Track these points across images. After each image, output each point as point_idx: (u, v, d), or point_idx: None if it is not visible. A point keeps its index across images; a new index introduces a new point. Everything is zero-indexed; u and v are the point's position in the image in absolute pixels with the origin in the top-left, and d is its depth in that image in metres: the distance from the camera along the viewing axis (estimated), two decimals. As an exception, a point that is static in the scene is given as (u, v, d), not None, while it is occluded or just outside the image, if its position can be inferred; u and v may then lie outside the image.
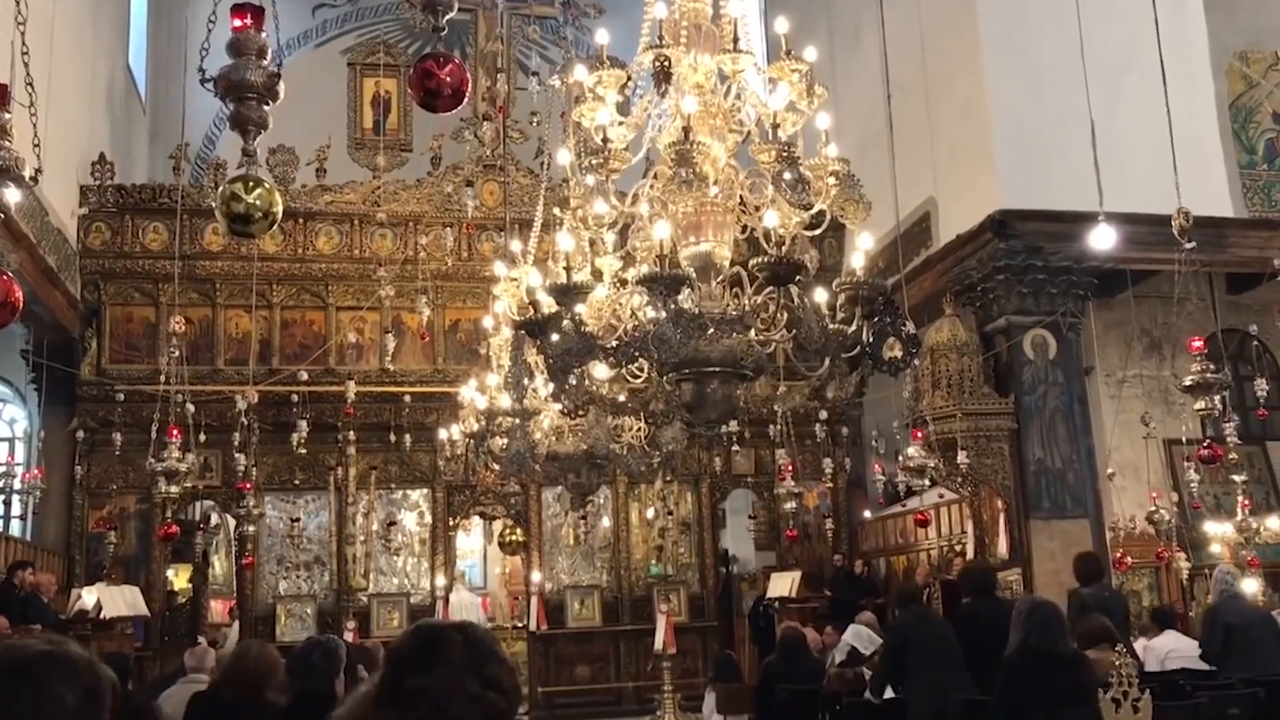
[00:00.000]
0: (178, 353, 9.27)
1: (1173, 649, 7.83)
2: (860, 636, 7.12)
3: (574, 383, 5.21)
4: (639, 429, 7.42)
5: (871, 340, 4.84)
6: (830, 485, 14.04)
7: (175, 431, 7.84)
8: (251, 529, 11.36)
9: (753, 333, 4.78)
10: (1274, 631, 7.54)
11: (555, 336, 4.73)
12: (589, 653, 13.45)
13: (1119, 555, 10.77)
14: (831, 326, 4.80)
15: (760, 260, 4.49)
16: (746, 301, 4.73)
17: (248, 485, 10.63)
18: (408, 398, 13.06)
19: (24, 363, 13.05)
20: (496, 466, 8.00)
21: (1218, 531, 12.06)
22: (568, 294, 4.63)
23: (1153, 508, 10.60)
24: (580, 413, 5.75)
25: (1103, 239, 7.12)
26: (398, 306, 12.86)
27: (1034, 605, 5.29)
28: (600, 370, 5.91)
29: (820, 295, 4.91)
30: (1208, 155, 11.25)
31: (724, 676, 8.73)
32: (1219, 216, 10.87)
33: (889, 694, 6.39)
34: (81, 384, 12.58)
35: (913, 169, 11.44)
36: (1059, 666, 4.85)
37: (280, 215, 3.17)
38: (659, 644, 11.72)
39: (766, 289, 4.67)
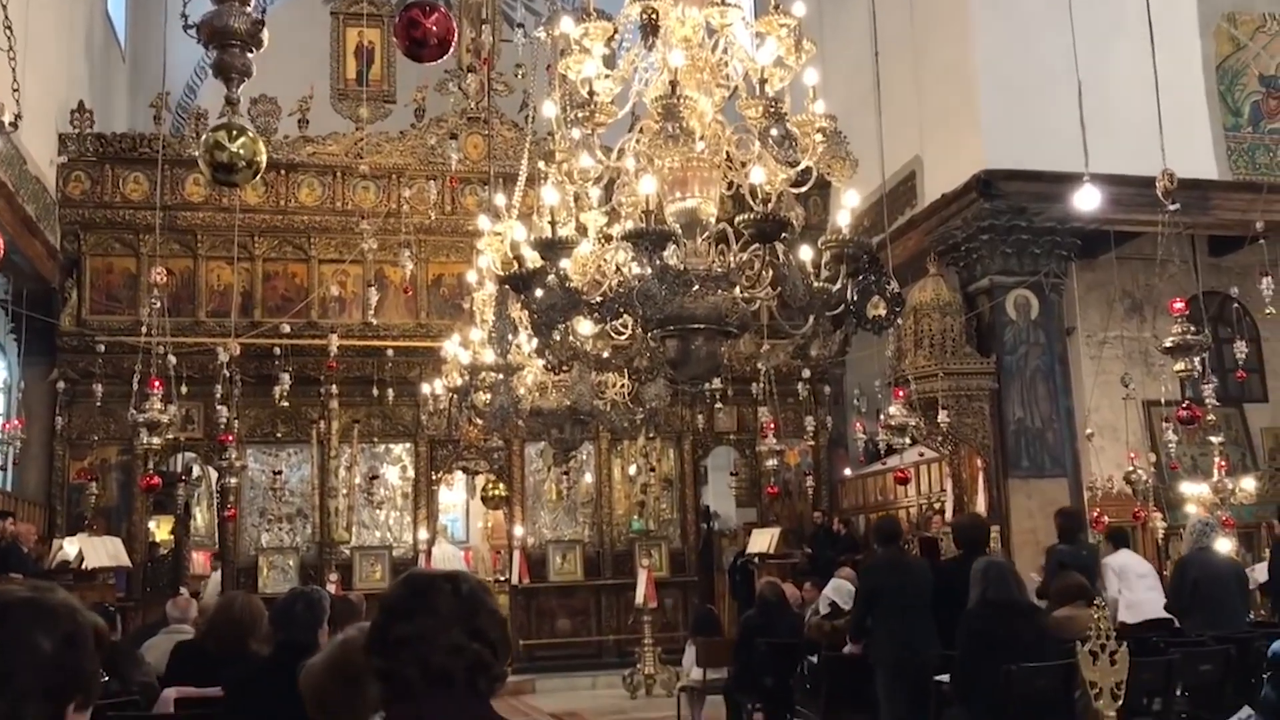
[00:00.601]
0: (159, 304, 9.21)
1: (1126, 564, 8.04)
2: (841, 591, 7.19)
3: (558, 338, 5.21)
4: (623, 385, 7.43)
5: (856, 299, 4.85)
6: (811, 443, 14.11)
7: (157, 383, 7.80)
8: (233, 481, 11.37)
9: (738, 290, 4.78)
10: (1240, 586, 7.67)
11: (539, 292, 4.71)
12: (570, 606, 13.55)
13: (1096, 514, 10.88)
14: (816, 285, 4.81)
15: (746, 217, 4.48)
16: (732, 259, 4.72)
17: (229, 438, 10.62)
18: (390, 352, 13.03)
19: (3, 313, 12.95)
20: (480, 421, 7.99)
21: (1194, 492, 12.19)
22: (552, 249, 4.62)
23: (1130, 468, 10.71)
24: (564, 368, 5.74)
25: (1087, 200, 7.13)
26: (380, 260, 12.79)
27: (989, 563, 5.68)
28: (585, 326, 5.92)
29: (805, 253, 4.91)
30: (1193, 117, 11.25)
31: (704, 630, 8.81)
32: (1203, 179, 10.88)
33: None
34: (62, 335, 12.51)
35: (899, 128, 11.41)
36: (1016, 616, 5.25)
37: (264, 165, 3.15)
38: (640, 598, 11.86)
39: (752, 246, 4.66)
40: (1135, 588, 7.74)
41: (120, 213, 12.87)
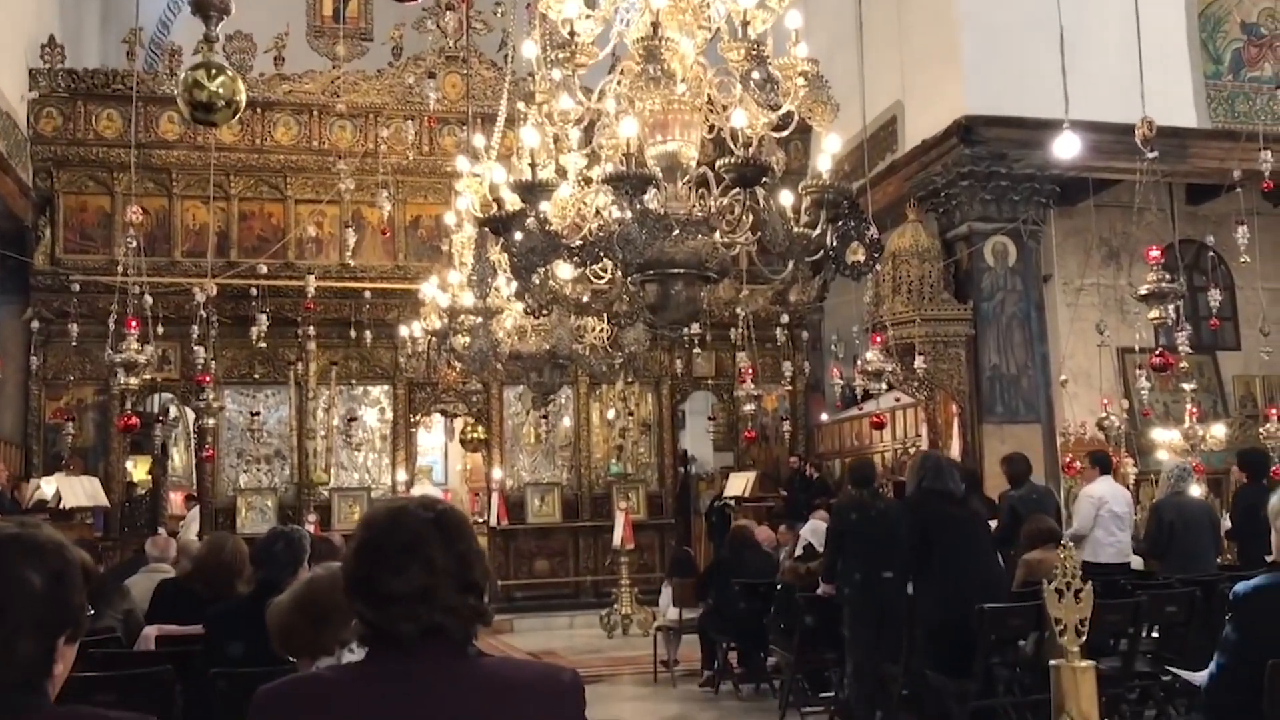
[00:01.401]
0: (134, 243, 9.12)
1: (1104, 498, 8.16)
2: (817, 533, 7.28)
3: (537, 282, 5.21)
4: (601, 330, 7.45)
5: (835, 244, 4.86)
6: (789, 389, 14.19)
7: (133, 323, 7.76)
8: (211, 422, 11.37)
9: (718, 235, 4.79)
10: (1214, 531, 7.82)
11: (519, 235, 4.70)
12: (548, 548, 13.66)
13: (1068, 460, 11.01)
14: (796, 230, 4.81)
15: (727, 161, 4.47)
16: (712, 203, 4.71)
17: (206, 378, 10.58)
18: (368, 294, 12.97)
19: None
20: (459, 365, 8.01)
21: (1165, 438, 12.35)
22: (532, 191, 4.60)
23: (1103, 414, 10.82)
24: (543, 312, 5.75)
25: (1066, 147, 7.14)
26: (358, 201, 12.67)
27: (924, 455, 6.29)
28: (564, 270, 5.92)
29: (786, 198, 4.91)
30: (1175, 64, 11.23)
31: (680, 572, 8.91)
32: (1182, 127, 10.90)
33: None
34: (35, 273, 12.39)
35: (881, 72, 11.35)
36: (949, 501, 5.72)
37: (243, 104, 3.12)
38: (617, 540, 11.96)
39: (733, 191, 4.65)
40: (1108, 526, 7.87)
41: (94, 150, 12.69)
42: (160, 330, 11.09)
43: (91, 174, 12.78)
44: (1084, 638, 1.68)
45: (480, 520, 14.43)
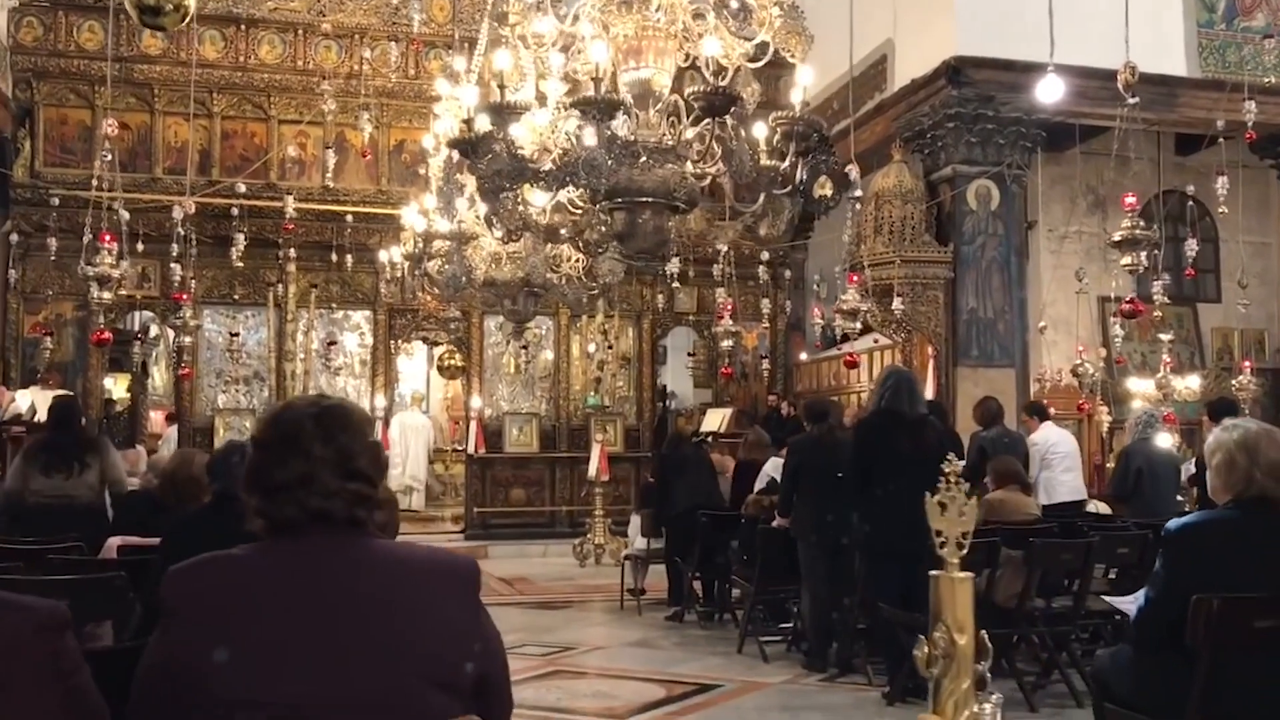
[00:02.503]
0: (111, 157, 9.03)
1: (1049, 441, 8.54)
2: (778, 468, 7.35)
3: (508, 206, 5.20)
4: (577, 260, 7.44)
5: (805, 178, 4.86)
6: (768, 327, 14.22)
7: (108, 237, 7.72)
8: (188, 340, 11.34)
9: (689, 166, 4.77)
10: (1177, 478, 7.94)
11: (488, 158, 4.68)
12: (525, 477, 13.74)
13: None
14: (764, 162, 4.81)
15: (696, 90, 4.45)
16: (682, 132, 4.69)
17: (184, 296, 10.56)
18: (350, 217, 12.89)
19: (-46, 162, 12.70)
20: (435, 290, 8.01)
21: (1140, 388, 12.45)
22: (500, 113, 4.57)
23: (1078, 361, 10.89)
24: (514, 238, 5.74)
25: (1050, 91, 7.10)
26: (341, 123, 12.56)
27: (889, 371, 6.40)
28: (541, 198, 5.92)
29: (760, 131, 4.90)
30: (1167, 11, 11.15)
31: (650, 503, 9.00)
32: (1171, 75, 10.84)
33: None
34: (15, 186, 12.30)
35: (873, 10, 11.21)
36: (905, 425, 5.80)
37: (192, 9, 3.08)
38: (592, 471, 12.04)
39: (704, 120, 4.63)
40: (1054, 467, 8.02)
41: (74, 62, 12.53)
42: (140, 247, 11.14)
43: (72, 86, 12.63)
44: (964, 550, 1.73)
45: (459, 448, 14.53)
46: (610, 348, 13.54)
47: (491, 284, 7.70)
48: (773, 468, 7.55)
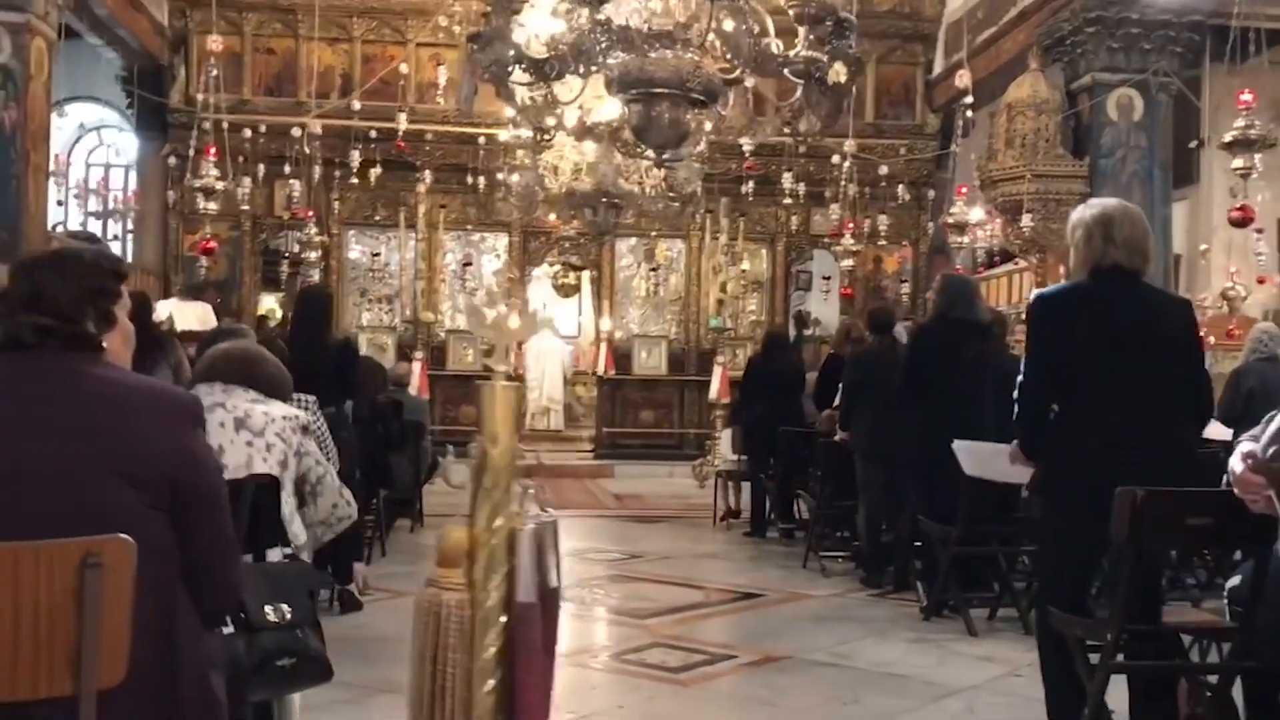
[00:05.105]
0: (216, 73, 9.43)
1: None
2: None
3: (532, 99, 5.18)
4: (648, 169, 7.36)
5: (824, 64, 4.63)
6: (910, 249, 13.76)
7: (213, 150, 8.09)
8: (313, 255, 11.83)
9: (693, 52, 4.61)
10: (1295, 398, 7.27)
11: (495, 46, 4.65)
12: (653, 399, 13.81)
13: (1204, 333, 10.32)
14: (776, 50, 4.61)
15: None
16: (678, 14, 4.52)
17: (309, 214, 10.97)
18: (482, 139, 13.06)
19: (122, 91, 13.49)
20: (514, 201, 8.09)
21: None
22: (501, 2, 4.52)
23: (1229, 284, 10.10)
24: (545, 136, 5.70)
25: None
26: (473, 45, 12.66)
27: (948, 278, 6.21)
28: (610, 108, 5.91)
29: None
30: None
31: (739, 419, 8.90)
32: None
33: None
34: (171, 111, 12.98)
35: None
36: (963, 334, 5.62)
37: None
38: (714, 393, 11.99)
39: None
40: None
41: (225, -10, 13.06)
42: (286, 169, 11.65)
43: (222, 14, 13.15)
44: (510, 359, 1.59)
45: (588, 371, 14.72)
46: (736, 268, 13.29)
47: (571, 195, 7.72)
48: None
